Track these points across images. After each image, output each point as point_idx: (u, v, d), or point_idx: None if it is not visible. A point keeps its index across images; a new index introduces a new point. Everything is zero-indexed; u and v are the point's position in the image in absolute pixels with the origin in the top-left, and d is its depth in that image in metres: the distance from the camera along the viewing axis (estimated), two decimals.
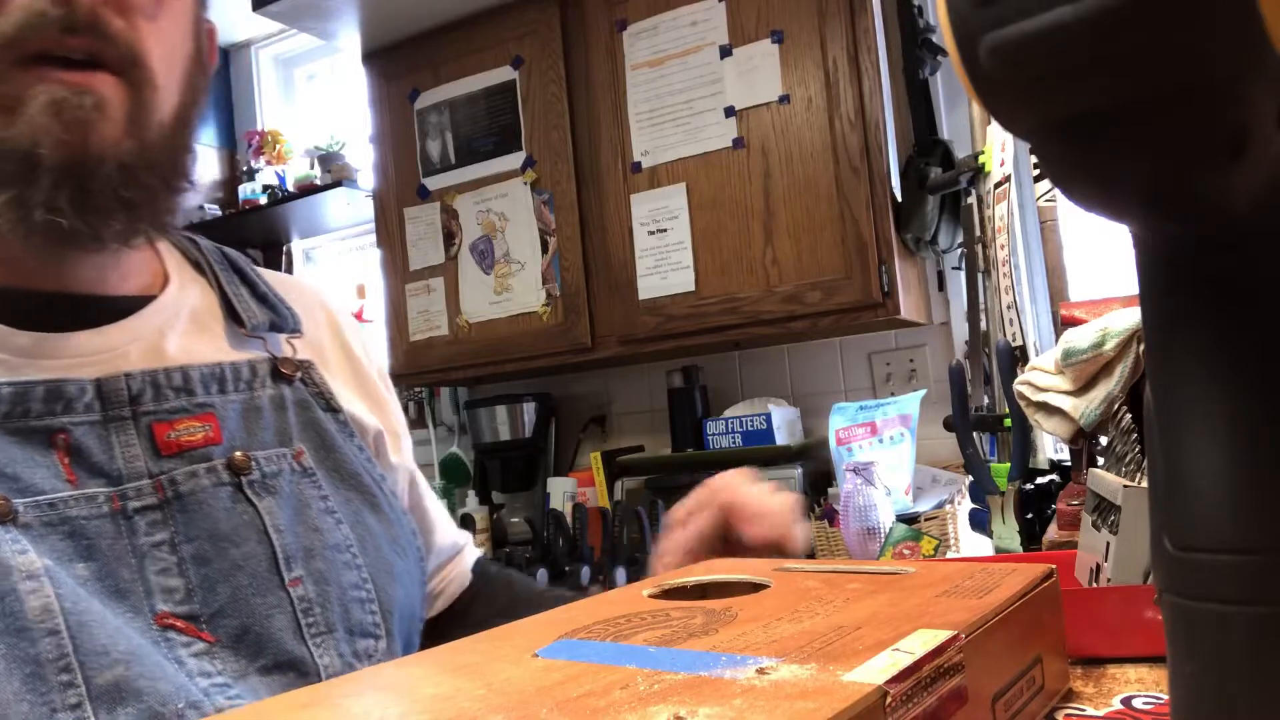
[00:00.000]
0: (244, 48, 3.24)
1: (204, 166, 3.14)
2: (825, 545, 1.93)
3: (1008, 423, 1.43)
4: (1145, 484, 0.61)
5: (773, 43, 1.99)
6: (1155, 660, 0.54)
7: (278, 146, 3.03)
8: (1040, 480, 1.24)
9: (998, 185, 1.71)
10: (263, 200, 2.90)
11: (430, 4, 2.27)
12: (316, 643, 0.58)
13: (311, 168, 2.88)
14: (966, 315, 1.84)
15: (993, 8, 0.23)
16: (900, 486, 1.83)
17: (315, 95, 3.28)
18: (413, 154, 2.44)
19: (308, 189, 2.79)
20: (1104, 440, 0.82)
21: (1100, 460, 0.81)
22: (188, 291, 0.66)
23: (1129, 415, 0.76)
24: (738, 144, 2.03)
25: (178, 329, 0.63)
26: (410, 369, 2.45)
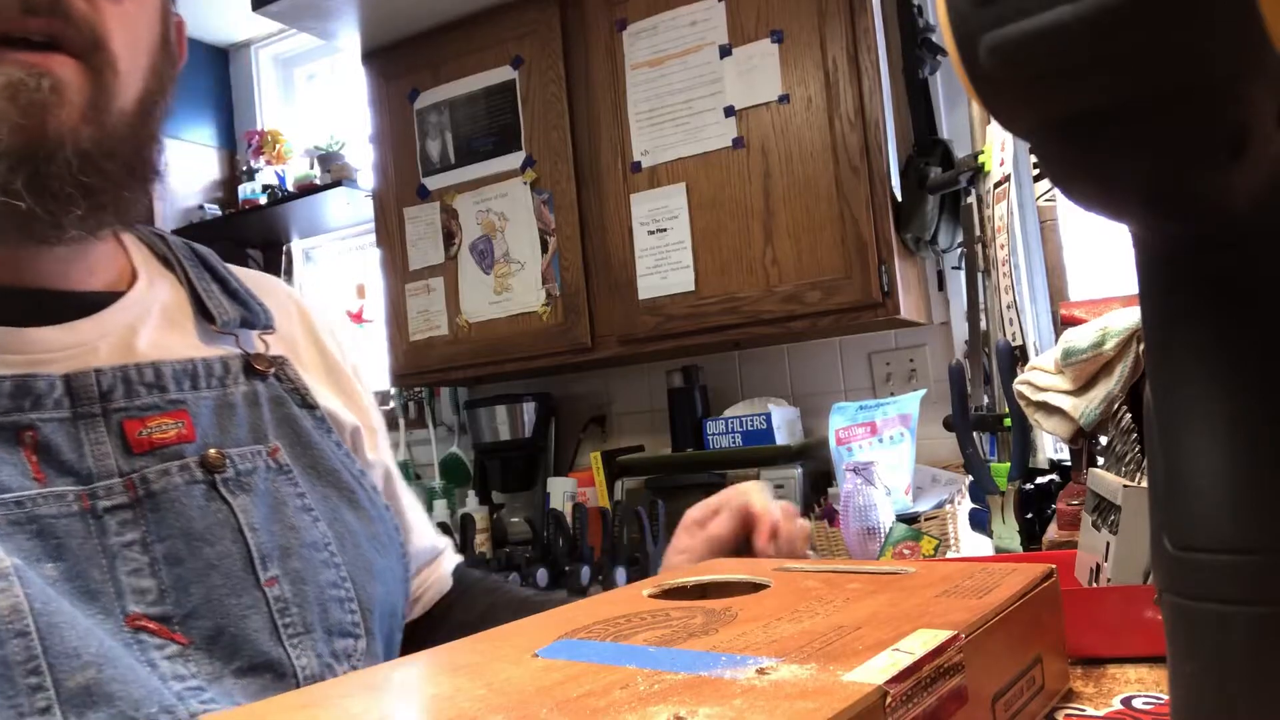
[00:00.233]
0: (244, 48, 3.24)
1: (204, 166, 3.14)
2: (825, 545, 1.93)
3: (1008, 423, 1.43)
4: (1145, 484, 0.61)
5: (772, 42, 1.99)
6: (1155, 660, 0.54)
7: (278, 146, 3.03)
8: (1040, 480, 1.24)
9: (997, 185, 1.71)
10: (263, 200, 2.90)
11: (430, 4, 2.27)
12: (294, 643, 0.57)
13: (311, 168, 2.88)
14: (966, 315, 1.84)
15: (993, 7, 0.23)
16: (900, 486, 1.83)
17: (315, 95, 3.28)
18: (412, 154, 2.44)
19: (308, 189, 2.79)
20: (1104, 440, 0.82)
21: (1100, 460, 0.81)
22: (157, 287, 0.65)
23: (1129, 415, 0.76)
24: (737, 144, 2.03)
25: (148, 325, 0.62)
26: (410, 369, 2.45)
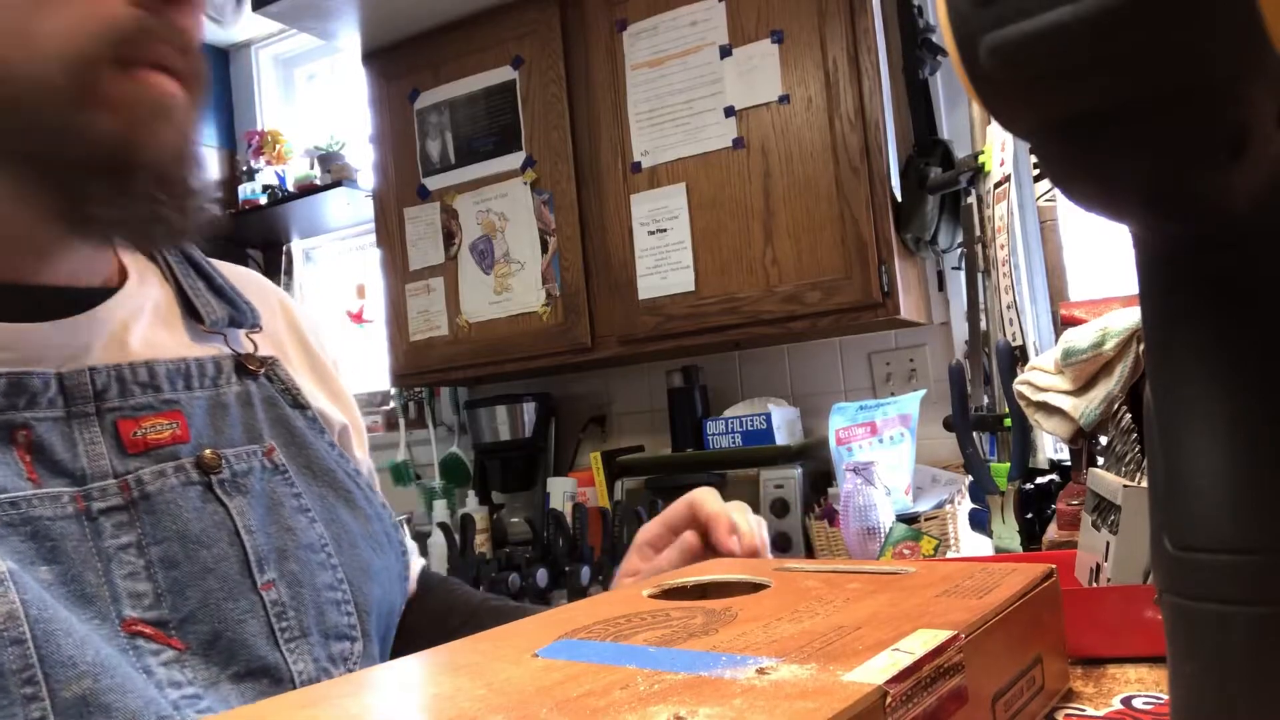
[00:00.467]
0: (244, 48, 3.24)
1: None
2: (825, 545, 1.93)
3: (1008, 423, 1.43)
4: (1145, 484, 0.61)
5: (773, 43, 1.99)
6: (1155, 660, 0.54)
7: (278, 146, 3.03)
8: (1040, 480, 1.24)
9: (998, 185, 1.71)
10: (263, 200, 2.90)
11: (430, 4, 2.27)
12: (290, 648, 0.56)
13: (311, 168, 2.88)
14: (966, 315, 1.84)
15: (993, 8, 0.23)
16: (900, 486, 1.83)
17: (315, 95, 3.28)
18: (413, 154, 2.44)
19: (308, 189, 2.79)
20: (1104, 440, 0.82)
21: (1100, 460, 0.81)
22: (147, 284, 0.64)
23: (1129, 415, 0.76)
24: (738, 144, 2.03)
25: (141, 323, 0.61)
26: (410, 369, 2.45)
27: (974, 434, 1.37)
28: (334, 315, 3.04)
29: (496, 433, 2.49)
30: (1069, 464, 1.05)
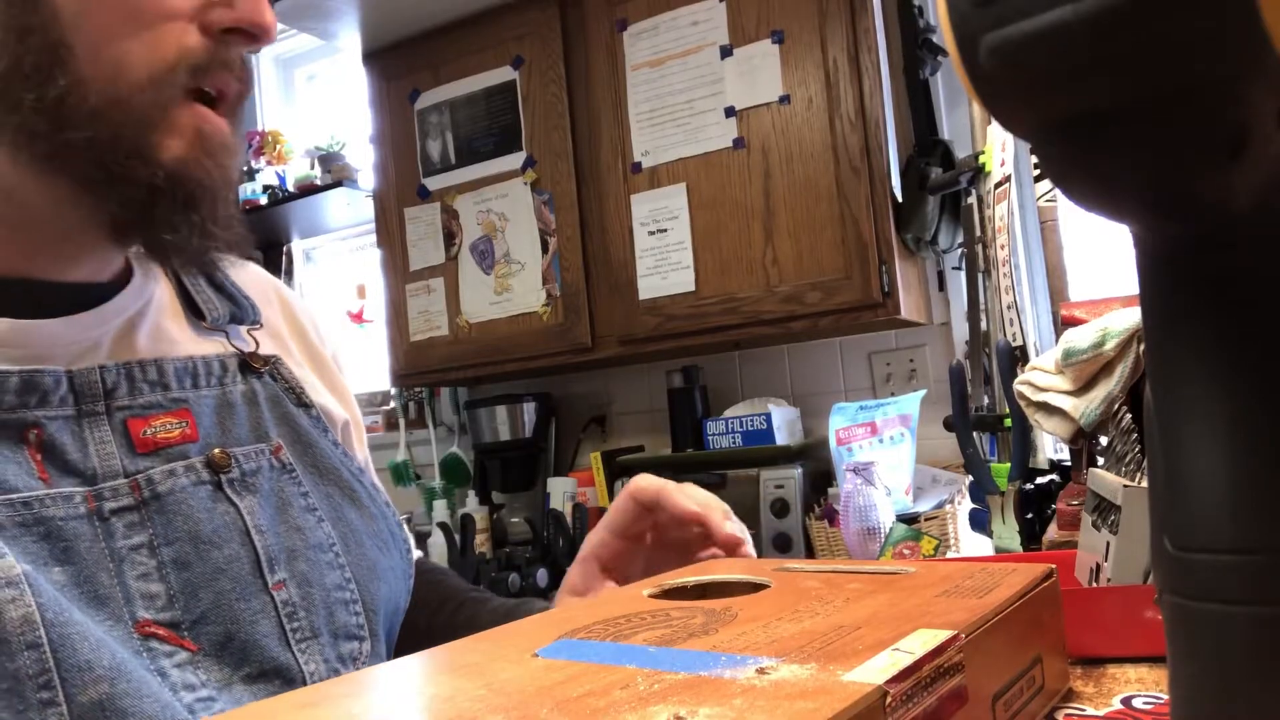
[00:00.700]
0: None
1: None
2: (825, 545, 1.93)
3: (1008, 423, 1.43)
4: (1145, 484, 0.61)
5: (773, 43, 1.99)
6: (1155, 660, 0.54)
7: (278, 146, 3.03)
8: (1040, 480, 1.23)
9: (998, 185, 1.71)
10: (263, 200, 2.90)
11: (430, 4, 2.27)
12: (301, 648, 0.56)
13: (312, 168, 2.88)
14: (966, 315, 1.84)
15: (993, 8, 0.23)
16: (900, 486, 1.83)
17: (315, 95, 3.28)
18: (413, 154, 2.44)
19: (308, 189, 2.79)
20: (1104, 440, 0.82)
21: (1100, 460, 0.81)
22: (151, 280, 0.63)
23: (1129, 415, 0.76)
24: (738, 144, 2.03)
25: (147, 320, 0.61)
26: (410, 369, 2.45)
27: (974, 434, 1.37)
28: (334, 315, 3.04)
29: (496, 433, 2.49)
30: (1069, 464, 1.05)
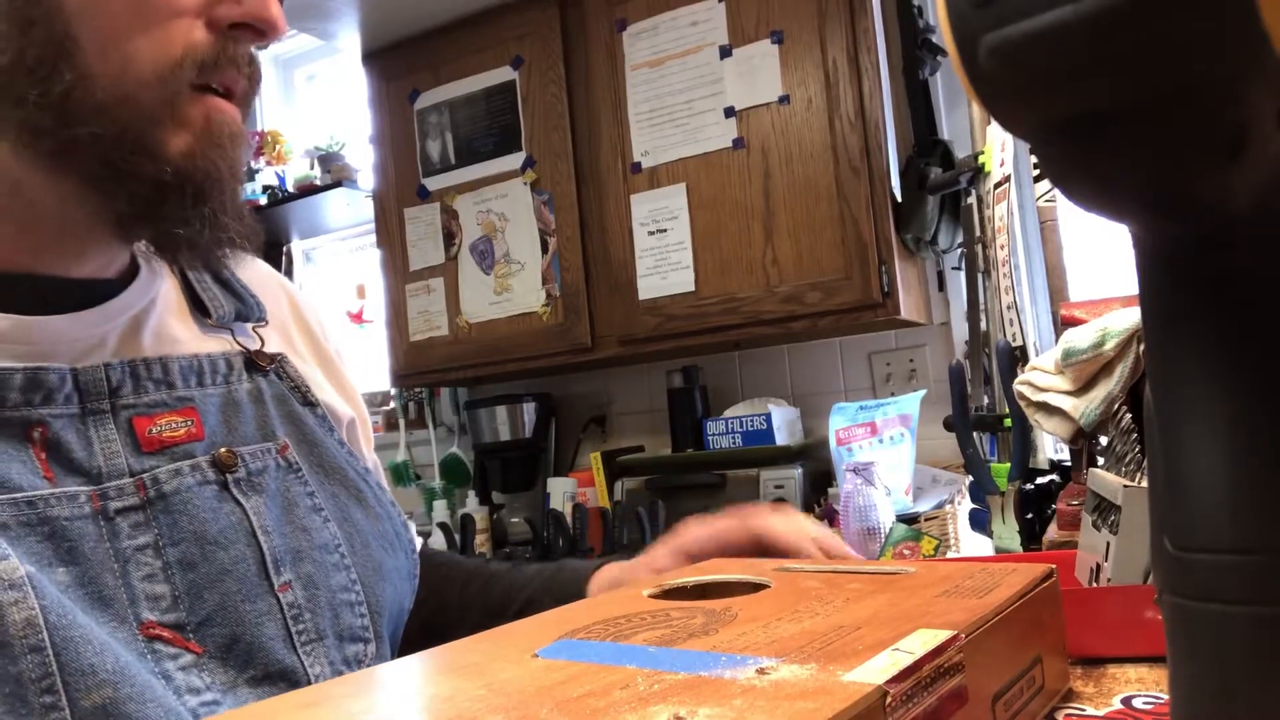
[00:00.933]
0: None
1: None
2: None
3: (1008, 423, 1.43)
4: (1145, 484, 0.61)
5: (773, 43, 1.99)
6: (1155, 660, 0.54)
7: (278, 147, 3.03)
8: (1040, 480, 1.23)
9: (998, 185, 1.71)
10: (263, 201, 2.90)
11: (430, 4, 2.27)
12: (306, 650, 0.55)
13: (311, 168, 2.88)
14: (966, 315, 1.84)
15: (993, 8, 0.23)
16: (900, 486, 1.83)
17: (315, 95, 3.28)
18: (413, 154, 2.44)
19: (308, 189, 2.79)
20: (1104, 440, 0.82)
21: (1100, 460, 0.81)
22: (157, 276, 0.63)
23: (1129, 415, 0.76)
24: (738, 144, 2.03)
25: (153, 317, 0.60)
26: (410, 369, 2.45)
27: (974, 434, 1.36)
28: (335, 315, 3.04)
29: (496, 433, 2.49)
30: (1069, 464, 1.04)
